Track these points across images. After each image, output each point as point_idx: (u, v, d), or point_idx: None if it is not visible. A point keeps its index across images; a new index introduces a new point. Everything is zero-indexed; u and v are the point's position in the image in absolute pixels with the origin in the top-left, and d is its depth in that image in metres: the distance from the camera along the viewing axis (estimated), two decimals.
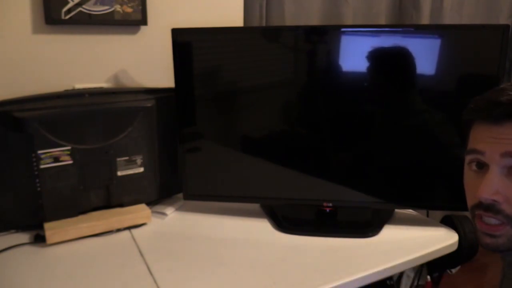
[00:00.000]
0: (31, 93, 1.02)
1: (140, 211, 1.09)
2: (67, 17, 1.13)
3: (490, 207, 0.61)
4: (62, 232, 0.99)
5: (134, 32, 1.26)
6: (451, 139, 1.04)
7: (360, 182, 1.10)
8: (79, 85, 1.17)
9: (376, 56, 1.01)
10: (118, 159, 1.07)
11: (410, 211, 1.19)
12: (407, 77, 1.05)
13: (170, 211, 1.17)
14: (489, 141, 0.61)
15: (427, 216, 1.17)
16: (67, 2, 1.12)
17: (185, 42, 1.06)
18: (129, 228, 1.08)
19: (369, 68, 1.02)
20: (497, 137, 0.60)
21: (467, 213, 1.09)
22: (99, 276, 0.88)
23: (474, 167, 0.65)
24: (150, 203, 1.15)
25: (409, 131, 1.07)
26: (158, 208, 1.17)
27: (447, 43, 1.00)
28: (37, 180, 0.99)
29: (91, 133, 1.03)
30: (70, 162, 1.01)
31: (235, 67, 1.09)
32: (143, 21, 1.23)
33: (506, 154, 0.59)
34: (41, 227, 1.00)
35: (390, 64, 1.04)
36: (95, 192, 1.07)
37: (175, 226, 1.11)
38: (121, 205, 1.11)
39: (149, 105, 1.09)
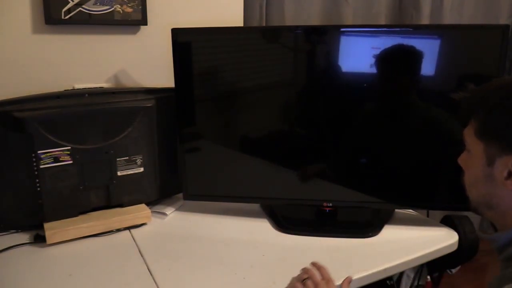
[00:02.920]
0: (31, 93, 1.02)
1: (140, 211, 1.09)
2: (67, 17, 1.13)
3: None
4: (62, 232, 0.99)
5: (134, 32, 1.26)
6: (451, 139, 1.04)
7: (360, 182, 1.10)
8: (79, 85, 1.17)
9: (376, 56, 1.01)
10: (118, 159, 1.07)
11: (410, 211, 1.19)
12: (407, 77, 1.05)
13: (170, 211, 1.17)
14: None
15: (427, 216, 1.17)
16: (67, 2, 1.12)
17: (185, 42, 1.06)
18: (129, 228, 1.08)
19: (368, 68, 1.01)
20: None
21: (467, 213, 1.10)
22: (99, 276, 0.88)
23: None
24: (150, 203, 1.15)
25: (409, 131, 1.07)
26: (158, 208, 1.17)
27: (447, 43, 1.00)
28: (37, 180, 0.99)
29: (91, 133, 1.03)
30: (70, 162, 1.01)
31: (235, 67, 1.09)
32: (143, 21, 1.23)
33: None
34: (41, 227, 1.00)
35: (390, 64, 1.04)
36: (95, 192, 1.07)
37: (175, 226, 1.11)
38: (121, 205, 1.11)
39: (149, 105, 1.09)
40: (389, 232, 1.07)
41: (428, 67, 1.01)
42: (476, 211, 0.77)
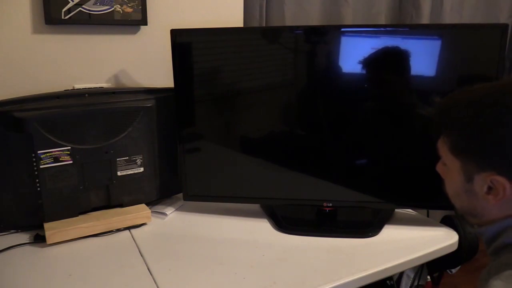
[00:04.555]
0: (31, 93, 1.02)
1: (140, 211, 1.09)
2: (67, 17, 1.13)
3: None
4: (62, 232, 0.99)
5: (134, 32, 1.26)
6: None
7: (360, 182, 1.10)
8: (79, 85, 1.17)
9: (376, 56, 1.01)
10: (118, 159, 1.07)
11: (410, 211, 1.19)
12: (407, 77, 1.05)
13: (170, 211, 1.17)
14: None
15: (427, 216, 1.17)
16: (67, 2, 1.12)
17: (185, 42, 1.06)
18: (129, 228, 1.08)
19: (369, 68, 1.02)
20: None
21: None
22: (99, 276, 0.88)
23: None
24: (150, 203, 1.15)
25: (409, 131, 1.07)
26: (158, 208, 1.17)
27: (447, 43, 1.00)
28: (37, 180, 0.99)
29: (91, 133, 1.03)
30: (70, 162, 1.01)
31: (234, 68, 1.09)
32: (143, 21, 1.23)
33: None
34: (41, 227, 1.00)
35: (390, 64, 1.04)
36: (95, 192, 1.07)
37: (175, 226, 1.11)
38: (121, 205, 1.11)
39: (149, 105, 1.09)
40: (389, 232, 1.07)
41: (428, 67, 1.01)
42: (463, 217, 0.78)
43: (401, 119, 1.08)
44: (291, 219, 1.12)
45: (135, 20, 1.22)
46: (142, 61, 1.28)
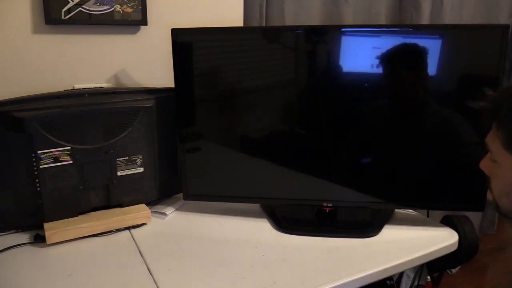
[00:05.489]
0: (31, 93, 1.02)
1: (140, 211, 1.09)
2: (67, 17, 1.13)
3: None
4: (62, 232, 0.99)
5: (134, 32, 1.26)
6: (451, 139, 1.04)
7: (360, 182, 1.10)
8: (79, 85, 1.17)
9: (376, 56, 1.01)
10: (118, 159, 1.07)
11: (410, 211, 1.19)
12: (407, 77, 1.05)
13: (170, 211, 1.17)
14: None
15: (427, 216, 1.17)
16: (67, 2, 1.12)
17: (185, 42, 1.06)
18: (129, 228, 1.08)
19: (369, 68, 1.01)
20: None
21: (467, 213, 1.10)
22: (99, 276, 0.88)
23: None
24: (150, 203, 1.16)
25: (409, 132, 1.07)
26: (158, 208, 1.17)
27: (447, 43, 1.00)
28: (37, 180, 0.99)
29: (91, 133, 1.03)
30: (70, 162, 1.01)
31: (235, 67, 1.09)
32: (143, 21, 1.23)
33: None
34: (41, 227, 1.00)
35: (390, 64, 1.04)
36: (95, 192, 1.07)
37: (175, 226, 1.11)
38: (121, 205, 1.11)
39: (149, 105, 1.09)
40: (389, 232, 1.07)
41: (428, 67, 1.01)
42: (507, 217, 0.76)
43: (401, 119, 1.08)
44: (291, 219, 1.12)
45: (135, 20, 1.21)
46: (142, 61, 1.28)
